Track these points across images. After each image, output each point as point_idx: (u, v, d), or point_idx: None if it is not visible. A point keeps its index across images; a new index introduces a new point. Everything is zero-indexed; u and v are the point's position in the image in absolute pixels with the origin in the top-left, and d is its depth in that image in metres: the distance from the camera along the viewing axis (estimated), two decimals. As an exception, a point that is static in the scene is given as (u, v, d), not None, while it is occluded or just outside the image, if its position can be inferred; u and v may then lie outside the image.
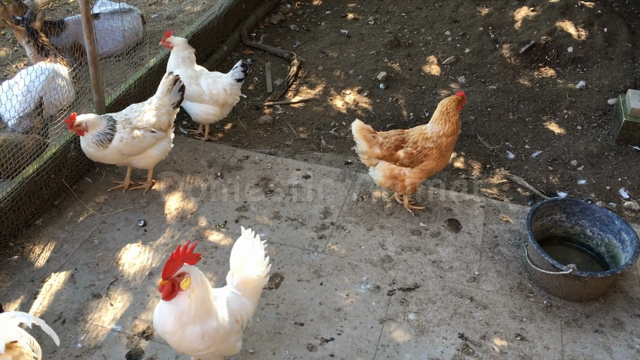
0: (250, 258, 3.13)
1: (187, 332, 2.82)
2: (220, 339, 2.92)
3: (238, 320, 3.04)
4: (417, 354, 3.46)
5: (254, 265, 3.13)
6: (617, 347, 3.56)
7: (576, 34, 6.21)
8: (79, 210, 4.34)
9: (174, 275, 2.70)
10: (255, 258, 3.15)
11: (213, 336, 2.87)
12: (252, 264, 3.12)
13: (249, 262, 3.12)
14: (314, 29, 6.99)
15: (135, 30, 6.10)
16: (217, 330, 2.88)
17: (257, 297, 3.20)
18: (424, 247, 4.17)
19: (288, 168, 4.83)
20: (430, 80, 6.03)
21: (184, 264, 2.74)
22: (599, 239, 4.09)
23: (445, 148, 4.14)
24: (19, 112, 4.62)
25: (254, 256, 3.14)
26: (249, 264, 3.12)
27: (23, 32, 5.27)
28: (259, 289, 3.20)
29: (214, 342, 2.90)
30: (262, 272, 3.16)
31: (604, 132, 5.35)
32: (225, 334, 2.93)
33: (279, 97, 5.83)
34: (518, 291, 3.88)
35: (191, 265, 2.78)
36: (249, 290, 3.13)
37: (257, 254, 3.16)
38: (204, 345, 2.87)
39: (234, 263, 3.13)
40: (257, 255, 3.16)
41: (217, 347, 2.94)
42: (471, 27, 6.58)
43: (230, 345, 3.02)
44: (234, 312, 3.02)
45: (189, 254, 2.74)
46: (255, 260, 3.14)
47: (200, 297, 2.79)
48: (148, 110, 4.30)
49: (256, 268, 3.13)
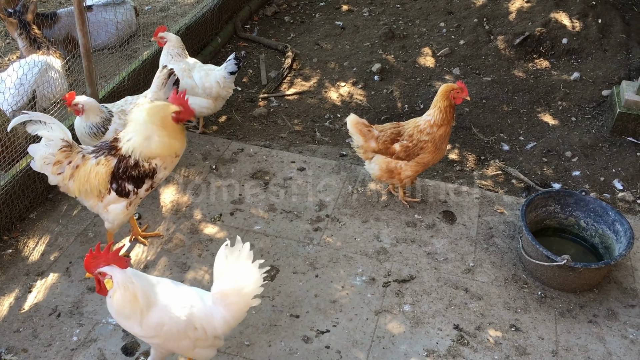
0: (232, 271, 2.87)
1: (122, 323, 2.85)
2: (166, 336, 2.83)
3: (197, 327, 2.86)
4: (413, 345, 3.48)
5: (235, 279, 2.87)
6: (610, 337, 3.58)
7: (570, 25, 6.21)
8: (74, 204, 4.33)
9: (96, 272, 2.72)
10: (239, 273, 2.87)
11: (154, 328, 2.80)
12: (233, 277, 2.87)
13: (230, 274, 2.87)
14: (308, 20, 6.97)
15: (129, 22, 6.07)
16: (159, 326, 2.80)
17: (238, 313, 2.92)
18: (419, 239, 4.18)
19: (283, 160, 4.83)
20: (425, 72, 6.02)
21: (112, 265, 2.73)
22: (593, 230, 4.11)
23: (439, 140, 4.13)
24: (12, 106, 4.59)
25: (237, 270, 2.86)
26: (230, 277, 2.87)
27: (15, 24, 5.23)
28: (242, 306, 2.91)
29: (156, 335, 2.83)
30: (246, 289, 2.88)
31: (598, 124, 5.36)
32: (172, 333, 2.83)
33: (274, 89, 5.81)
34: (512, 282, 3.89)
35: (120, 269, 2.74)
36: (226, 304, 2.89)
37: (241, 270, 2.87)
38: (144, 334, 2.83)
39: (215, 270, 2.91)
40: (242, 270, 2.87)
41: (164, 342, 2.87)
42: (466, 18, 6.57)
43: (185, 347, 2.90)
44: (194, 318, 2.85)
45: (112, 256, 2.73)
46: (239, 276, 2.87)
47: (121, 301, 2.74)
48: (143, 103, 4.27)
49: (238, 283, 2.87)
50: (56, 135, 3.49)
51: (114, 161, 3.54)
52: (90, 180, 3.54)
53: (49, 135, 3.48)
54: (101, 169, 3.53)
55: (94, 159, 3.56)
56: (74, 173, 3.54)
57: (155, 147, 3.53)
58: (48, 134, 3.48)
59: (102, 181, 3.54)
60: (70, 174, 3.54)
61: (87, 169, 3.54)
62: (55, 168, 3.51)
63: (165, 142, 3.54)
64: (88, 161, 3.56)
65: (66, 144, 3.51)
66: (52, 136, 3.48)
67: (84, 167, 3.55)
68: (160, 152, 3.56)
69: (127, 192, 3.58)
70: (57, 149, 3.49)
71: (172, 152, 3.63)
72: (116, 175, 3.54)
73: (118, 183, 3.55)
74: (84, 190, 3.57)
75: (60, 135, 3.50)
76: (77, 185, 3.56)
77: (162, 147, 3.55)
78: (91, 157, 3.57)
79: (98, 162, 3.55)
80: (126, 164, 3.53)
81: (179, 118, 3.53)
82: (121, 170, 3.53)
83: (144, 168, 3.56)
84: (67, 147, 3.52)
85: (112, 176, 3.54)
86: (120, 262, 2.75)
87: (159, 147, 3.54)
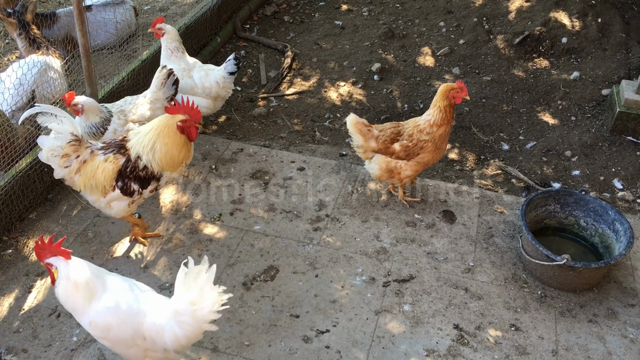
0: (188, 290, 2.73)
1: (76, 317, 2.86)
2: (113, 340, 2.81)
3: (146, 338, 2.79)
4: (413, 345, 3.47)
5: (189, 300, 2.72)
6: (610, 336, 3.58)
7: (570, 24, 6.21)
8: (73, 204, 4.32)
9: (44, 262, 2.79)
10: (195, 294, 2.71)
11: (101, 330, 2.79)
12: (187, 298, 2.73)
13: (185, 294, 2.74)
14: (307, 20, 6.96)
15: (128, 22, 6.06)
16: (106, 329, 2.78)
17: (190, 334, 2.79)
18: (419, 238, 4.18)
19: (283, 160, 4.83)
20: (425, 71, 6.02)
21: (57, 256, 2.78)
22: (593, 229, 4.11)
23: (439, 140, 4.13)
24: (12, 106, 4.59)
25: (193, 291, 2.72)
26: (184, 296, 2.74)
27: (14, 24, 5.22)
28: (195, 328, 2.77)
29: (105, 337, 2.81)
30: (199, 313, 2.72)
31: (597, 123, 5.36)
32: (119, 339, 2.80)
33: (273, 89, 5.81)
34: (512, 282, 3.89)
35: (65, 260, 2.78)
36: (178, 321, 2.77)
37: (198, 292, 2.71)
38: (93, 332, 2.83)
39: (175, 284, 2.80)
40: (198, 292, 2.71)
41: (113, 346, 2.86)
42: (465, 18, 6.57)
43: (134, 355, 2.86)
44: (143, 328, 2.79)
45: (55, 248, 2.78)
46: (194, 297, 2.72)
47: (65, 292, 2.77)
48: (142, 103, 4.28)
49: (192, 305, 2.72)
50: (66, 128, 3.53)
51: (123, 160, 3.58)
52: (97, 176, 3.58)
53: (58, 128, 3.52)
54: (109, 166, 3.57)
55: (102, 156, 3.60)
56: (80, 167, 3.58)
57: (159, 158, 3.56)
58: (58, 126, 3.52)
59: (108, 178, 3.58)
60: (77, 168, 3.58)
61: (94, 165, 3.58)
62: (62, 161, 3.55)
63: (170, 153, 3.56)
64: (96, 157, 3.60)
65: (75, 138, 3.56)
66: (61, 129, 3.53)
67: (92, 162, 3.59)
68: (164, 164, 3.59)
69: (131, 191, 3.62)
70: (66, 142, 3.53)
71: (177, 164, 3.65)
72: (123, 174, 3.58)
73: (124, 182, 3.59)
74: (89, 185, 3.61)
75: (70, 128, 3.54)
76: (83, 179, 3.60)
77: (167, 158, 3.57)
78: (100, 153, 3.61)
79: (106, 159, 3.59)
80: (134, 164, 3.57)
81: (184, 127, 3.54)
82: (129, 170, 3.57)
83: (151, 170, 3.60)
84: (76, 141, 3.56)
85: (119, 174, 3.58)
86: (63, 253, 2.80)
87: (163, 159, 3.57)
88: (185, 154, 3.66)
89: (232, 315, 3.60)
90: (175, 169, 3.67)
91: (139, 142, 3.59)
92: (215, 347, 3.42)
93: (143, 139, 3.58)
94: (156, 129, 3.56)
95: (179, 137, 3.57)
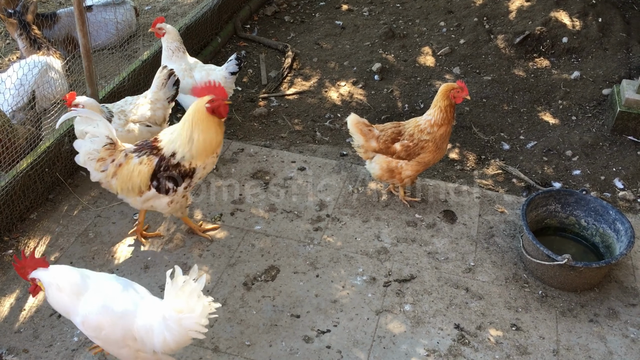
0: (174, 298, 2.73)
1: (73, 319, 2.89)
2: (105, 339, 2.85)
3: (137, 338, 2.81)
4: (414, 345, 3.47)
5: (175, 308, 2.73)
6: (611, 336, 3.58)
7: (571, 24, 6.20)
8: (74, 204, 4.33)
9: (28, 279, 2.85)
10: (181, 303, 2.72)
11: (93, 329, 2.83)
12: (173, 306, 2.74)
13: (172, 301, 2.74)
14: (308, 20, 6.96)
15: (129, 22, 6.07)
16: (98, 328, 2.81)
17: (178, 338, 2.79)
18: (420, 238, 4.18)
19: (283, 160, 4.83)
20: (425, 71, 6.02)
21: (37, 268, 2.82)
22: (593, 229, 4.11)
23: (439, 140, 4.13)
24: (12, 106, 4.59)
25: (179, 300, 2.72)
26: (171, 304, 2.75)
27: (15, 25, 5.23)
28: (182, 335, 2.77)
29: (97, 337, 2.85)
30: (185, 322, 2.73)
31: (598, 123, 5.36)
32: (111, 339, 2.83)
33: (274, 89, 5.81)
34: (513, 282, 3.89)
35: (44, 269, 2.84)
36: (166, 325, 2.77)
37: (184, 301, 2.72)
38: (86, 332, 2.88)
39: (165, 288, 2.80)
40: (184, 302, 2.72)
41: (105, 346, 2.90)
42: (466, 17, 6.57)
43: (126, 355, 2.89)
44: (134, 329, 2.80)
45: (31, 261, 2.83)
46: (180, 306, 2.73)
47: (53, 297, 2.83)
48: (143, 104, 4.28)
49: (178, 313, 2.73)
50: (102, 132, 3.58)
51: (156, 160, 3.63)
52: (133, 178, 3.64)
53: (94, 132, 3.57)
54: (144, 168, 3.63)
55: (136, 158, 3.65)
56: (116, 171, 3.63)
57: (197, 146, 3.60)
58: (94, 130, 3.56)
59: (144, 180, 3.64)
60: (114, 172, 3.64)
61: (130, 168, 3.64)
62: (98, 164, 3.61)
63: (207, 138, 3.60)
64: (131, 160, 3.65)
65: (110, 141, 3.61)
66: (97, 132, 3.58)
67: (127, 165, 3.64)
68: (201, 151, 3.63)
69: (167, 189, 3.67)
70: (102, 145, 3.58)
71: (214, 150, 3.68)
72: (157, 174, 3.63)
73: (159, 181, 3.64)
74: (126, 188, 3.67)
75: (105, 132, 3.59)
76: (119, 183, 3.67)
77: (205, 144, 3.61)
78: (134, 156, 3.66)
79: (141, 162, 3.64)
80: (167, 163, 3.62)
81: (213, 107, 3.56)
82: (162, 169, 3.63)
83: (184, 168, 3.65)
84: (111, 144, 3.61)
85: (153, 174, 3.63)
86: (41, 263, 2.85)
87: (201, 146, 3.60)
88: (220, 139, 3.69)
89: (232, 315, 3.60)
90: (210, 156, 3.68)
91: (174, 138, 3.64)
92: (216, 347, 3.42)
93: (180, 132, 3.62)
94: (189, 119, 3.60)
95: (211, 119, 3.60)
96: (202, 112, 3.58)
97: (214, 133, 3.62)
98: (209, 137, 3.61)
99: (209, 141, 3.61)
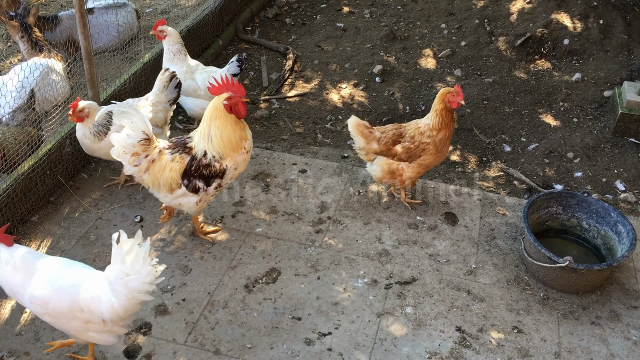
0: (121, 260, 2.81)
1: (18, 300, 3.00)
2: (53, 314, 2.92)
3: (83, 309, 2.87)
4: (415, 348, 3.47)
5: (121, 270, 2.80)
6: (613, 338, 3.57)
7: (572, 26, 6.20)
8: (75, 207, 4.33)
9: None
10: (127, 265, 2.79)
11: (40, 305, 2.91)
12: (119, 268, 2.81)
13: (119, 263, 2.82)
14: (309, 22, 6.97)
15: (130, 24, 6.07)
16: (44, 303, 2.90)
17: (126, 303, 2.85)
18: (421, 240, 4.18)
19: (284, 162, 4.83)
20: (427, 73, 6.02)
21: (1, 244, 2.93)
22: (595, 231, 4.10)
23: (440, 143, 4.13)
24: (13, 107, 4.59)
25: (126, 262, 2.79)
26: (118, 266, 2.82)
27: (17, 27, 5.24)
28: (129, 298, 2.83)
29: (45, 313, 2.93)
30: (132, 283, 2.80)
31: (599, 124, 5.35)
32: (58, 312, 2.91)
33: (275, 91, 5.81)
34: (515, 284, 3.89)
35: (6, 246, 2.93)
36: (113, 290, 2.84)
37: (130, 262, 2.79)
38: (34, 310, 2.97)
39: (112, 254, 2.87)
40: (131, 263, 2.79)
41: (54, 321, 2.97)
42: (467, 19, 6.57)
43: (76, 328, 2.95)
44: (79, 299, 2.87)
45: None
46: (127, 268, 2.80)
47: (4, 275, 2.93)
48: (144, 106, 4.28)
49: (124, 275, 2.79)
50: (139, 127, 3.62)
51: (188, 159, 3.68)
52: (165, 174, 3.69)
53: (132, 126, 3.60)
54: (175, 165, 3.68)
55: (169, 155, 3.70)
56: (149, 167, 3.68)
57: (217, 144, 3.64)
58: (132, 124, 3.60)
59: (175, 177, 3.69)
60: (147, 167, 3.68)
61: (162, 164, 3.69)
62: (132, 159, 3.66)
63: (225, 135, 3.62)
64: (164, 157, 3.69)
65: (146, 137, 3.65)
66: (135, 127, 3.61)
67: (160, 161, 3.69)
68: (223, 149, 3.65)
69: (197, 188, 3.72)
70: (137, 140, 3.62)
71: (237, 145, 3.68)
72: (188, 172, 3.67)
73: (189, 179, 3.68)
74: (157, 183, 3.72)
75: (142, 127, 3.63)
76: (151, 178, 3.72)
77: (224, 141, 3.63)
78: (167, 152, 3.71)
79: (173, 159, 3.68)
80: (198, 163, 3.67)
81: (230, 104, 3.58)
82: (193, 168, 3.67)
83: (215, 168, 3.69)
84: (146, 140, 3.65)
85: (184, 172, 3.67)
86: (5, 240, 2.94)
87: (220, 143, 3.64)
88: (240, 134, 3.69)
89: (234, 317, 3.60)
90: (235, 152, 3.69)
91: (199, 138, 3.69)
92: (217, 349, 3.41)
93: (202, 130, 3.67)
94: (207, 117, 3.65)
95: (228, 116, 3.62)
96: (217, 109, 3.61)
97: (231, 130, 3.64)
98: (226, 133, 3.63)
99: (226, 137, 3.64)
